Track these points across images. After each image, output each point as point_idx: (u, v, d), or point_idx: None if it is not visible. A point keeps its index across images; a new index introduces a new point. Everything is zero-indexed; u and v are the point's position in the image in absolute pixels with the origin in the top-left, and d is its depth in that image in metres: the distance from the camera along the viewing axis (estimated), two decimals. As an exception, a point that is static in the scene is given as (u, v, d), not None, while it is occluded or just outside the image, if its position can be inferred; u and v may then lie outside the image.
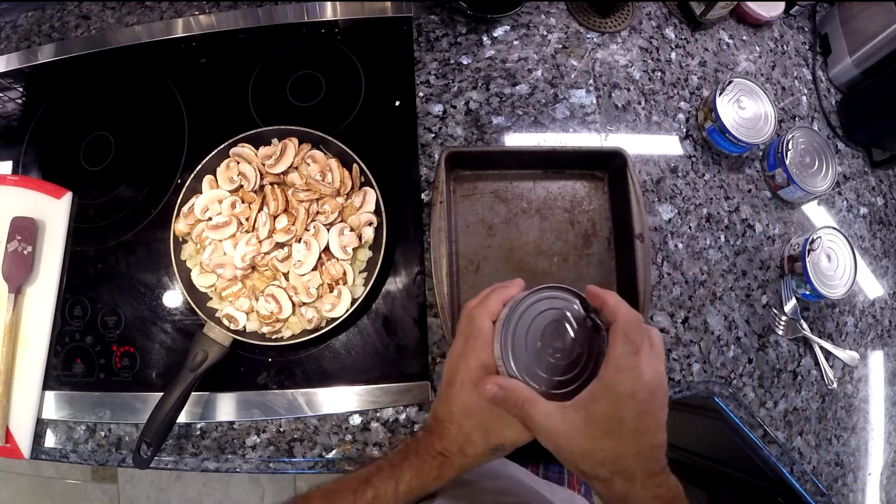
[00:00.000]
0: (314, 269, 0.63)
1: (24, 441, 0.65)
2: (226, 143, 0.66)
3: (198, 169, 0.66)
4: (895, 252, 0.79)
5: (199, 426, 0.64)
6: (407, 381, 0.64)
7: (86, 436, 0.66)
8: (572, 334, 0.40)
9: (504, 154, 0.70)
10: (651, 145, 0.74)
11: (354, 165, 0.66)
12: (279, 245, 0.64)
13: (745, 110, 0.72)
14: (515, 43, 0.77)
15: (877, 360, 0.74)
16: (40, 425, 0.66)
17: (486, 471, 0.60)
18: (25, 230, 0.69)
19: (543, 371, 0.39)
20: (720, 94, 0.71)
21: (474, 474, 0.57)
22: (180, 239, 0.66)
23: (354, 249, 0.65)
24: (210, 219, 0.65)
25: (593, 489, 0.38)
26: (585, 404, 0.35)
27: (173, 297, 0.69)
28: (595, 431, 0.35)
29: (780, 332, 0.70)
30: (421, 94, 0.73)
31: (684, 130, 0.76)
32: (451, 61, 0.75)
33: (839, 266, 0.69)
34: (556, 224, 0.67)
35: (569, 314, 0.41)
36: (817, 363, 0.71)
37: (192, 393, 0.61)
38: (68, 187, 0.73)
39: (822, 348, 0.70)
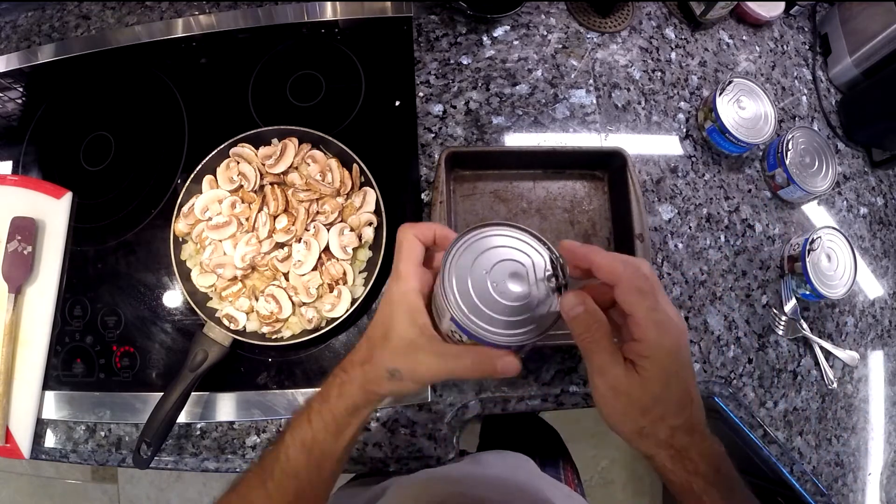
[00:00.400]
0: (314, 269, 0.63)
1: (24, 441, 0.65)
2: (226, 143, 0.66)
3: (198, 169, 0.66)
4: (895, 252, 0.79)
5: (199, 426, 0.64)
6: (407, 381, 0.64)
7: (86, 436, 0.66)
8: (528, 277, 0.36)
9: (504, 154, 0.70)
10: (651, 145, 0.74)
11: (354, 165, 0.66)
12: (279, 245, 0.64)
13: (745, 110, 0.72)
14: (515, 43, 0.77)
15: (877, 360, 0.74)
16: (40, 425, 0.66)
17: (481, 467, 0.60)
18: (25, 230, 0.69)
19: (494, 312, 0.35)
20: (720, 94, 0.71)
21: (462, 471, 0.57)
22: (180, 239, 0.66)
23: (354, 249, 0.65)
24: (210, 219, 0.65)
25: (643, 452, 0.35)
26: (637, 361, 0.33)
27: (173, 297, 0.69)
28: (653, 388, 0.33)
29: (780, 332, 0.70)
30: (421, 94, 0.73)
31: (684, 130, 0.76)
32: (451, 61, 0.75)
33: (839, 266, 0.69)
34: (556, 224, 0.67)
35: (527, 256, 0.37)
36: (817, 363, 0.71)
37: (192, 393, 0.61)
38: (68, 187, 0.73)
39: (822, 348, 0.70)
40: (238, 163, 0.67)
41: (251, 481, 0.39)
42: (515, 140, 0.72)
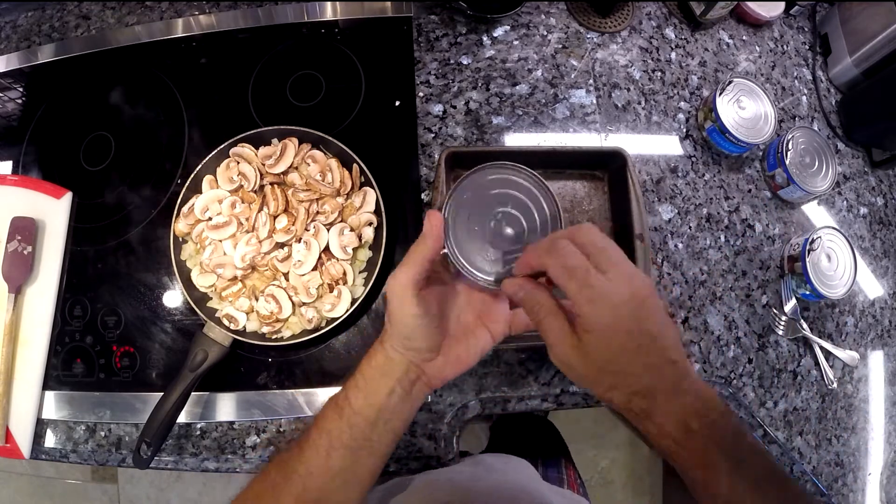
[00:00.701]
0: (314, 269, 0.63)
1: (24, 441, 0.65)
2: (226, 143, 0.66)
3: (198, 169, 0.66)
4: (895, 252, 0.79)
5: (199, 426, 0.64)
6: (407, 381, 0.64)
7: (86, 436, 0.66)
8: (525, 223, 0.38)
9: (504, 154, 0.69)
10: (651, 145, 0.74)
11: (354, 165, 0.66)
12: (279, 245, 0.64)
13: (745, 110, 0.72)
14: (515, 43, 0.77)
15: (877, 360, 0.74)
16: (40, 425, 0.66)
17: (484, 470, 0.60)
18: (25, 230, 0.69)
19: (491, 256, 0.37)
20: (720, 94, 0.71)
21: (465, 475, 0.57)
22: (180, 239, 0.66)
23: (354, 249, 0.65)
24: (210, 219, 0.65)
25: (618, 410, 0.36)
26: (581, 336, 0.34)
27: (173, 297, 0.69)
28: (596, 360, 0.34)
29: (780, 332, 0.70)
30: (421, 94, 0.73)
31: (684, 130, 0.76)
32: (451, 61, 0.75)
33: (839, 266, 0.69)
34: (556, 224, 0.67)
35: (534, 218, 0.38)
36: (817, 363, 0.71)
37: (192, 393, 0.61)
38: (68, 187, 0.73)
39: (822, 348, 0.70)
40: (238, 163, 0.67)
41: (292, 451, 0.41)
42: (515, 140, 0.72)
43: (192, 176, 0.66)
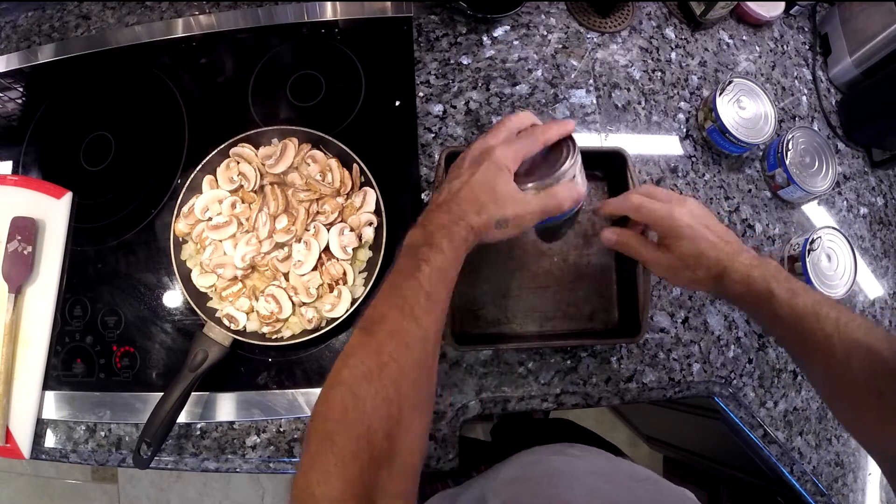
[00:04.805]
0: (314, 269, 0.63)
1: (24, 441, 0.65)
2: (226, 143, 0.66)
3: (198, 169, 0.66)
4: (895, 252, 0.79)
5: (199, 426, 0.65)
6: (407, 381, 0.64)
7: (86, 436, 0.66)
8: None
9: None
10: (651, 145, 0.74)
11: (354, 165, 0.66)
12: (279, 245, 0.64)
13: (745, 110, 0.72)
14: (515, 43, 0.77)
15: (877, 360, 0.74)
16: (40, 425, 0.66)
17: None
18: (25, 230, 0.69)
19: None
20: (720, 94, 0.71)
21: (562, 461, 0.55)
22: (180, 239, 0.66)
23: (354, 249, 0.65)
24: (210, 219, 0.65)
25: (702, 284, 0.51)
26: (668, 244, 0.51)
27: (173, 297, 0.69)
28: (682, 254, 0.50)
29: (780, 332, 0.70)
30: (421, 94, 0.73)
31: (684, 130, 0.76)
32: (451, 61, 0.75)
33: (839, 266, 0.69)
34: (556, 224, 0.67)
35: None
36: (817, 363, 0.71)
37: (192, 393, 0.61)
38: (68, 187, 0.73)
39: (822, 348, 0.70)
40: (238, 163, 0.67)
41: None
42: (515, 140, 0.72)
43: (192, 176, 0.66)
